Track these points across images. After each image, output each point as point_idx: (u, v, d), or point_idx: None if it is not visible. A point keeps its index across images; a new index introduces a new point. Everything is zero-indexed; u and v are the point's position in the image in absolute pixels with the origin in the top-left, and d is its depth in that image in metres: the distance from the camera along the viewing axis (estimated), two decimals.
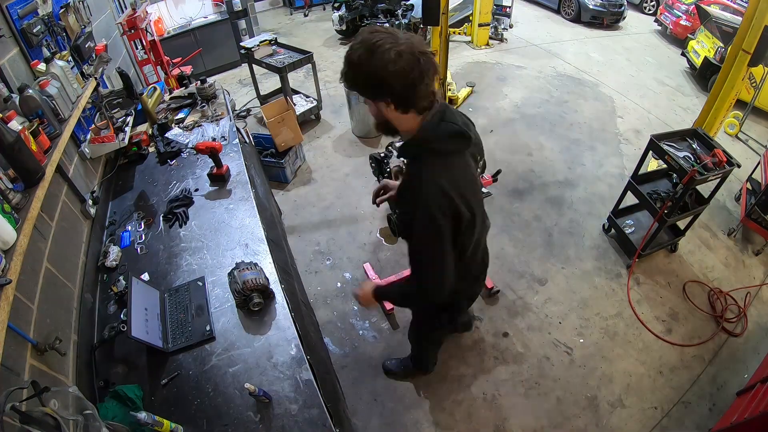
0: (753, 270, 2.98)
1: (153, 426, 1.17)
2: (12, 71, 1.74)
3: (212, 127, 2.62)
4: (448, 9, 4.05)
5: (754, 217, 2.99)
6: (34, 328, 1.30)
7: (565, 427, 2.16)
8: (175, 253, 1.85)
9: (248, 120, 4.65)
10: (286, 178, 3.68)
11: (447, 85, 4.64)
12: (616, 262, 3.01)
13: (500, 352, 2.47)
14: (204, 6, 5.49)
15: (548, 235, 3.20)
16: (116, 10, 3.78)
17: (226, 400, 1.33)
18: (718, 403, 2.24)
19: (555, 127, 4.45)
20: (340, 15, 6.30)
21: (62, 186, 1.85)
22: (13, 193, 1.38)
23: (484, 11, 5.98)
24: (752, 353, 2.48)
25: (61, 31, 2.24)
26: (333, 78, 5.46)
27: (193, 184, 2.20)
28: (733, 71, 2.87)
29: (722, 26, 4.87)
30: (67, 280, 1.62)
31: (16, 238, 1.26)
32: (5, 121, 1.39)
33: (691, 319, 2.66)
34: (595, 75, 5.53)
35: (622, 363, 2.42)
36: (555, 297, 2.77)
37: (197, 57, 4.93)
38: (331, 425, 1.27)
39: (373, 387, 2.32)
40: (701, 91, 5.19)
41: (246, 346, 1.48)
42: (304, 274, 2.75)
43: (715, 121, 3.11)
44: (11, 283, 1.13)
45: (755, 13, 2.60)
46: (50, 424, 0.96)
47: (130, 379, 1.41)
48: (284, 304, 1.60)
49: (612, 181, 3.71)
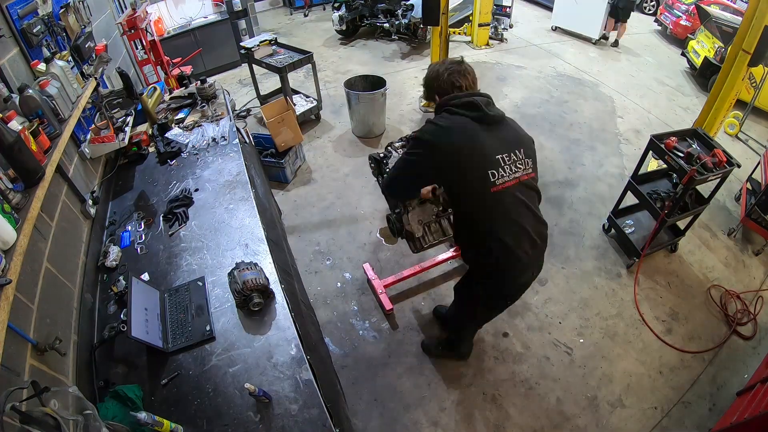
0: (753, 270, 2.98)
1: (153, 426, 1.16)
2: (12, 71, 1.74)
3: (212, 127, 2.62)
4: (448, 9, 4.06)
5: (754, 217, 2.99)
6: (34, 328, 1.29)
7: (565, 427, 2.16)
8: (175, 253, 1.85)
9: (248, 120, 4.65)
10: (286, 178, 3.68)
11: None
12: (616, 262, 3.01)
13: (500, 352, 2.47)
14: (204, 6, 5.49)
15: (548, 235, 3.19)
16: (116, 10, 3.78)
17: (226, 400, 1.33)
18: (718, 403, 2.24)
19: (555, 127, 4.45)
20: (340, 15, 6.30)
21: (62, 186, 1.85)
22: (13, 193, 1.38)
23: (484, 11, 5.98)
24: (752, 353, 2.48)
25: (61, 31, 2.24)
26: (333, 78, 5.46)
27: (193, 184, 2.20)
28: (733, 71, 2.87)
29: (722, 26, 4.87)
30: (67, 280, 1.62)
31: (16, 238, 1.26)
32: (5, 121, 1.39)
33: (691, 319, 2.66)
34: (595, 75, 5.53)
35: (622, 363, 2.42)
36: (555, 297, 2.77)
37: (197, 57, 4.94)
38: (331, 425, 1.27)
39: (373, 387, 2.32)
40: (701, 91, 5.20)
41: (246, 346, 1.48)
42: (304, 274, 2.75)
43: (715, 121, 3.11)
44: (11, 283, 1.13)
45: (755, 13, 2.60)
46: (50, 424, 0.96)
47: (130, 379, 1.41)
48: (284, 304, 1.60)
49: (612, 181, 3.71)
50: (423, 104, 4.85)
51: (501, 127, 1.51)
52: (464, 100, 1.48)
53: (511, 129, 1.55)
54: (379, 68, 5.70)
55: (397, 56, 6.12)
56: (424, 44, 6.25)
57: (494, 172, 1.43)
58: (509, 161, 1.47)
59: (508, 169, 1.46)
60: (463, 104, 1.47)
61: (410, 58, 6.03)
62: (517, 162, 1.48)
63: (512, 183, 1.47)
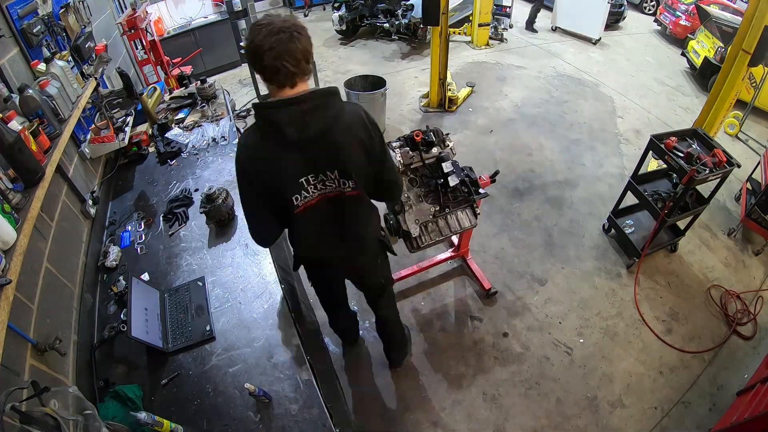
0: (753, 270, 2.98)
1: (153, 426, 1.17)
2: (12, 71, 1.74)
3: (212, 127, 2.62)
4: (448, 9, 4.06)
5: (754, 217, 2.99)
6: (34, 328, 1.30)
7: (565, 427, 2.16)
8: (175, 253, 1.85)
9: (248, 120, 4.65)
10: None
11: (447, 85, 4.64)
12: (616, 262, 3.01)
13: (500, 352, 2.47)
14: (204, 6, 5.49)
15: (548, 235, 3.20)
16: (116, 10, 3.78)
17: (226, 400, 1.33)
18: (718, 403, 2.24)
19: (555, 127, 4.45)
20: (340, 15, 6.30)
21: (62, 186, 1.86)
22: (13, 193, 1.38)
23: (484, 11, 5.98)
24: (752, 353, 2.48)
25: (61, 31, 2.24)
26: (333, 78, 5.46)
27: (193, 184, 2.21)
28: (733, 71, 2.87)
29: (722, 26, 4.87)
30: (67, 280, 1.62)
31: (16, 238, 1.26)
32: (5, 121, 1.39)
33: (691, 319, 2.65)
34: (595, 75, 5.53)
35: (622, 363, 2.42)
36: (555, 297, 2.77)
37: (197, 57, 4.94)
38: (331, 425, 1.27)
39: (373, 387, 2.32)
40: (701, 91, 5.20)
41: (246, 346, 1.48)
42: (304, 274, 2.74)
43: (715, 121, 3.12)
44: (11, 283, 1.13)
45: (755, 13, 2.60)
46: (50, 424, 0.96)
47: (130, 379, 1.41)
48: (284, 304, 1.60)
49: (612, 181, 3.71)
50: (423, 104, 4.85)
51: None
52: (271, 119, 1.18)
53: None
54: (379, 68, 5.70)
55: (397, 56, 6.12)
56: (424, 44, 6.25)
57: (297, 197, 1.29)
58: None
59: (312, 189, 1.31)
60: (269, 124, 1.19)
61: (410, 58, 6.03)
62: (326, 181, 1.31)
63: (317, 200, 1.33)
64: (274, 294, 1.63)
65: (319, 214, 1.36)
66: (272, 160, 1.23)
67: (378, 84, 4.07)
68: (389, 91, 4.21)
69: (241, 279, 1.71)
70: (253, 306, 1.60)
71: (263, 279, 1.70)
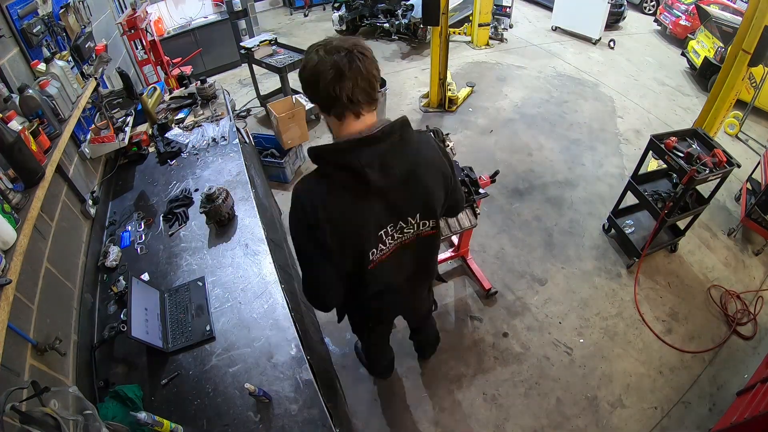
0: (753, 270, 2.98)
1: (153, 426, 1.17)
2: (12, 71, 1.74)
3: (212, 127, 2.62)
4: (448, 9, 4.06)
5: (754, 217, 2.99)
6: (34, 328, 1.30)
7: (565, 427, 2.16)
8: (175, 253, 1.85)
9: (248, 120, 4.65)
10: (286, 178, 3.68)
11: (447, 85, 4.64)
12: (616, 262, 3.01)
13: (500, 352, 2.47)
14: (204, 6, 5.49)
15: (548, 235, 3.20)
16: (116, 10, 3.78)
17: (226, 400, 1.33)
18: (718, 403, 2.24)
19: (555, 127, 4.45)
20: (340, 15, 6.30)
21: (62, 186, 1.85)
22: (13, 193, 1.38)
23: (484, 11, 5.98)
24: (752, 353, 2.48)
25: (61, 31, 2.24)
26: None
27: (193, 184, 2.20)
28: (733, 71, 2.87)
29: (722, 26, 4.87)
30: (67, 280, 1.62)
31: (16, 238, 1.26)
32: (5, 121, 1.39)
33: (691, 319, 2.66)
34: (595, 75, 5.53)
35: (622, 363, 2.42)
36: (555, 297, 2.77)
37: (197, 57, 4.94)
38: (331, 425, 1.27)
39: (373, 387, 2.32)
40: (701, 91, 5.19)
41: (246, 346, 1.47)
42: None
43: (715, 121, 3.11)
44: (11, 283, 1.13)
45: (755, 13, 2.60)
46: (50, 424, 0.96)
47: (130, 379, 1.41)
48: (284, 304, 1.60)
49: (612, 181, 3.71)
50: (423, 104, 4.85)
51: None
52: (348, 163, 0.98)
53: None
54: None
55: (397, 56, 6.12)
56: (424, 44, 6.24)
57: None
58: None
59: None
60: (345, 169, 0.99)
61: (410, 58, 6.03)
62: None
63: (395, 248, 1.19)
64: (274, 294, 1.63)
65: (391, 263, 1.20)
66: (353, 215, 1.03)
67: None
68: (389, 91, 4.22)
69: (241, 279, 1.71)
70: (253, 306, 1.60)
71: (263, 279, 1.70)
